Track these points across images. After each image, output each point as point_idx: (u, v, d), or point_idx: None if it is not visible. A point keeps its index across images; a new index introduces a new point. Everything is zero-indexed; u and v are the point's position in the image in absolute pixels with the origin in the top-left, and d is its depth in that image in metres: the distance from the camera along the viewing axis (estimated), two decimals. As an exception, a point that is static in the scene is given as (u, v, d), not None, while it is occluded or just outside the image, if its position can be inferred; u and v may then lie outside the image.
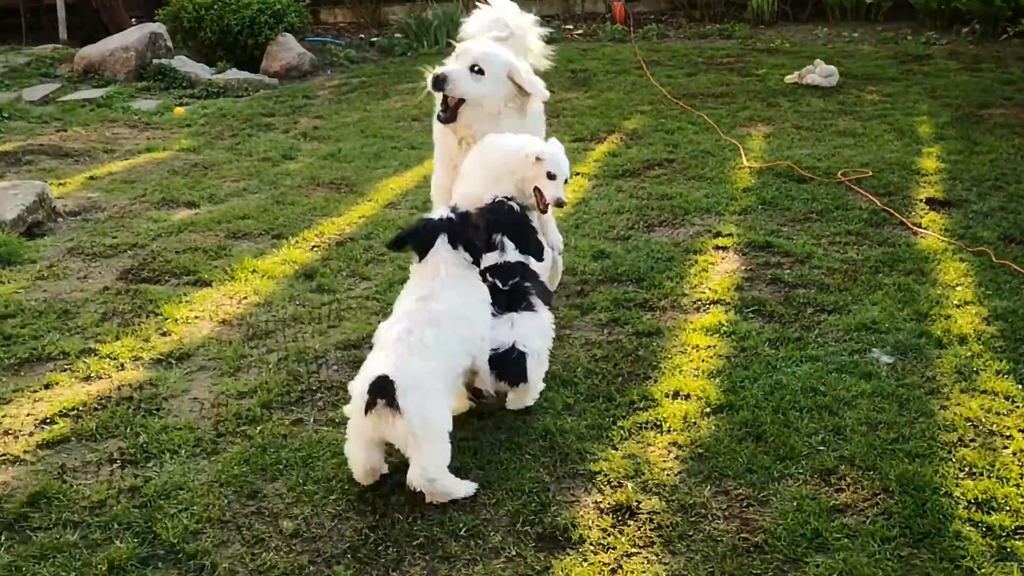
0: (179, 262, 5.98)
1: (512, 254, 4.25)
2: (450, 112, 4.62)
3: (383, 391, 3.40)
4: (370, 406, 3.43)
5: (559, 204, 4.39)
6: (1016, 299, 5.15)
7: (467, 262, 3.92)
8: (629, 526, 3.47)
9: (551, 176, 4.34)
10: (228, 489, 3.72)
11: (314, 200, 7.22)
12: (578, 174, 7.57)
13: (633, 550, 3.36)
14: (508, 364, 4.03)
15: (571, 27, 15.17)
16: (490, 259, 4.19)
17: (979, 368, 4.48)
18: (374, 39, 14.45)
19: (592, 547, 3.37)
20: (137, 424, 4.18)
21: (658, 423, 4.10)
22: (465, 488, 3.61)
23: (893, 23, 14.67)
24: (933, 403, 4.20)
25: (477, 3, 5.65)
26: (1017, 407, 4.14)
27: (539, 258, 4.33)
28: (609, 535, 3.43)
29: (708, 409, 4.19)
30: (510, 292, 4.17)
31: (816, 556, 3.30)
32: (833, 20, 15.21)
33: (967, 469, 3.73)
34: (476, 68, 4.57)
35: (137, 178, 7.89)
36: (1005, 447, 3.87)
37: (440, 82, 4.52)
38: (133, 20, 14.17)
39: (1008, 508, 3.48)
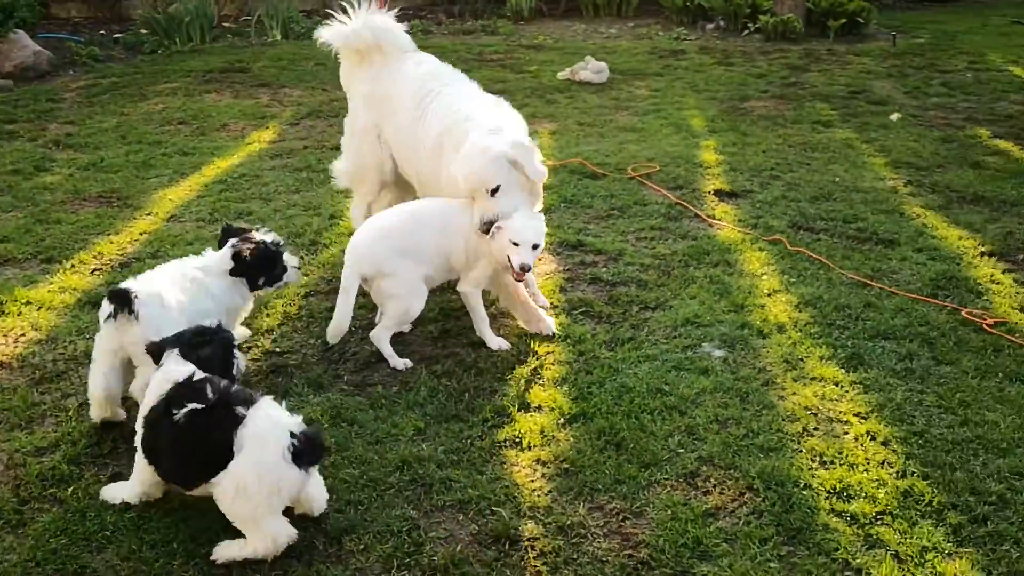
0: (-69, 297, 5.16)
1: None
2: None
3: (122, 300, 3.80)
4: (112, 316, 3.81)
5: (524, 270, 4.46)
6: (817, 284, 5.42)
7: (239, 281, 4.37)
8: (512, 556, 3.29)
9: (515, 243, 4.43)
10: (47, 568, 3.20)
11: (83, 217, 6.48)
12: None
13: (521, 582, 3.19)
14: None
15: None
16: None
17: (803, 356, 4.65)
18: (117, 35, 13.30)
19: (478, 585, 3.17)
20: (-86, 499, 3.52)
21: (517, 440, 3.94)
22: None
23: (643, 19, 15.33)
24: (771, 395, 4.31)
25: None
26: (847, 392, 4.33)
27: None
28: (493, 570, 3.23)
29: (563, 420, 4.08)
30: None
31: (702, 565, 3.26)
32: (587, 16, 15.69)
33: (818, 459, 3.84)
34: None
35: None
36: (846, 433, 4.03)
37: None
38: None
39: (864, 495, 3.61)
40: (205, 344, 3.55)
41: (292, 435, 3.20)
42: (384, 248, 4.57)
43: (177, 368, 3.42)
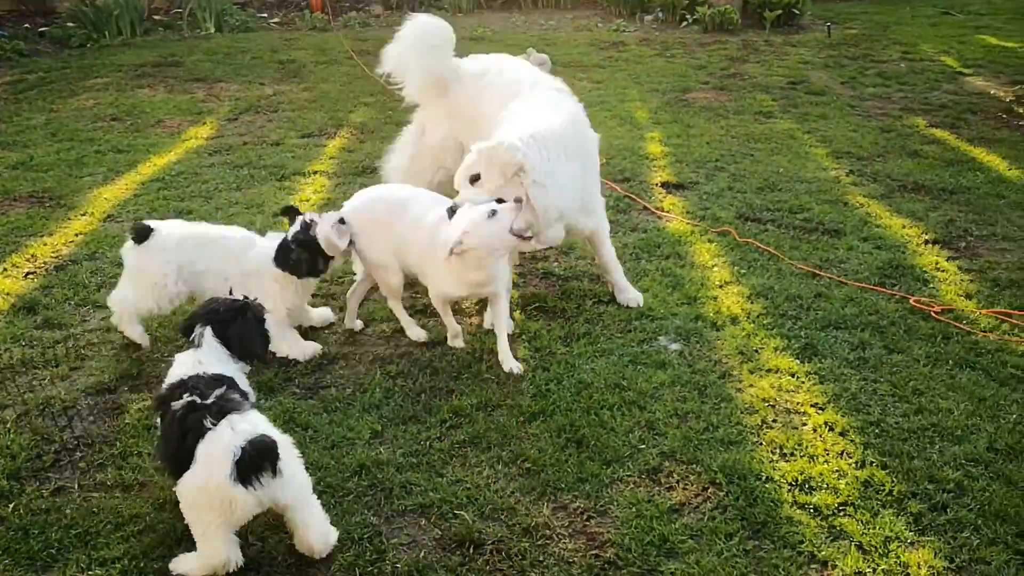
0: None
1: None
2: None
3: None
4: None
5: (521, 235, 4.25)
6: (768, 275, 5.43)
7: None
8: (477, 560, 3.22)
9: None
10: (-10, 590, 3.04)
11: (14, 218, 6.23)
12: (316, 172, 7.14)
13: (487, 587, 3.12)
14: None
15: (266, 15, 14.41)
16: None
17: (758, 347, 4.65)
18: (43, 29, 12.88)
19: (444, 591, 3.09)
20: None
21: (476, 440, 3.87)
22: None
23: (581, 11, 15.34)
24: (728, 387, 4.31)
25: None
26: (803, 383, 4.34)
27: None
28: (458, 574, 3.16)
29: (523, 418, 4.02)
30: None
31: (669, 563, 3.23)
32: (525, 7, 15.64)
33: (778, 451, 3.84)
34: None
35: None
36: (804, 424, 4.03)
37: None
38: None
39: (826, 486, 3.61)
40: (238, 319, 3.43)
41: (242, 449, 2.94)
42: (366, 215, 4.61)
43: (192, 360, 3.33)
